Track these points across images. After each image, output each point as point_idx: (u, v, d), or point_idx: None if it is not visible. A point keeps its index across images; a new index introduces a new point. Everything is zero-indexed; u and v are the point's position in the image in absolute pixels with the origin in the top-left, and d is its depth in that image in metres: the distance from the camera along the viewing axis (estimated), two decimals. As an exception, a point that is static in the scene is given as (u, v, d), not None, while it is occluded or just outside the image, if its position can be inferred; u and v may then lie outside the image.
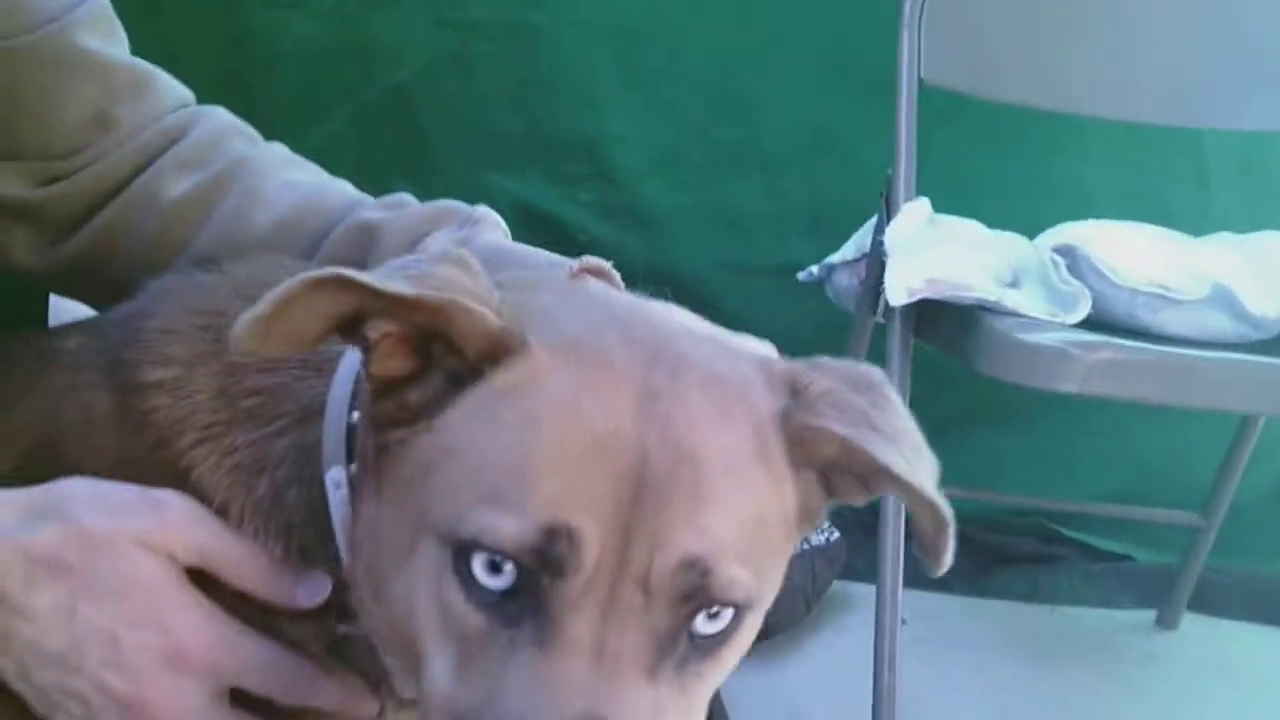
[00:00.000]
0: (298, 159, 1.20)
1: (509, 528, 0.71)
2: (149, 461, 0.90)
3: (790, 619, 2.30)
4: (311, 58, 2.57)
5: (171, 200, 1.11)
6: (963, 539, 2.50)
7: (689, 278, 2.75)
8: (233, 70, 2.49)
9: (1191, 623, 2.50)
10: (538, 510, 0.71)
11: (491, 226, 1.07)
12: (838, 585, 2.43)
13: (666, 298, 0.90)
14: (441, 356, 0.78)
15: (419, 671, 0.78)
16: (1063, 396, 2.69)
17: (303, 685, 0.91)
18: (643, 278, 2.57)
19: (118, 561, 0.85)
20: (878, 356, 2.07)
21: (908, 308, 2.04)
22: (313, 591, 0.90)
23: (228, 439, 0.91)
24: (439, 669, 0.75)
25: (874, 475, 0.81)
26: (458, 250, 0.82)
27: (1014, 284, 2.00)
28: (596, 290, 0.87)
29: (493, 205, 1.10)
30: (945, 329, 1.99)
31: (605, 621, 0.72)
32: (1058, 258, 1.91)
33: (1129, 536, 2.65)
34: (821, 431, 0.79)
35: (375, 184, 1.20)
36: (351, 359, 0.88)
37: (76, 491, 0.87)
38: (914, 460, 0.80)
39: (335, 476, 0.86)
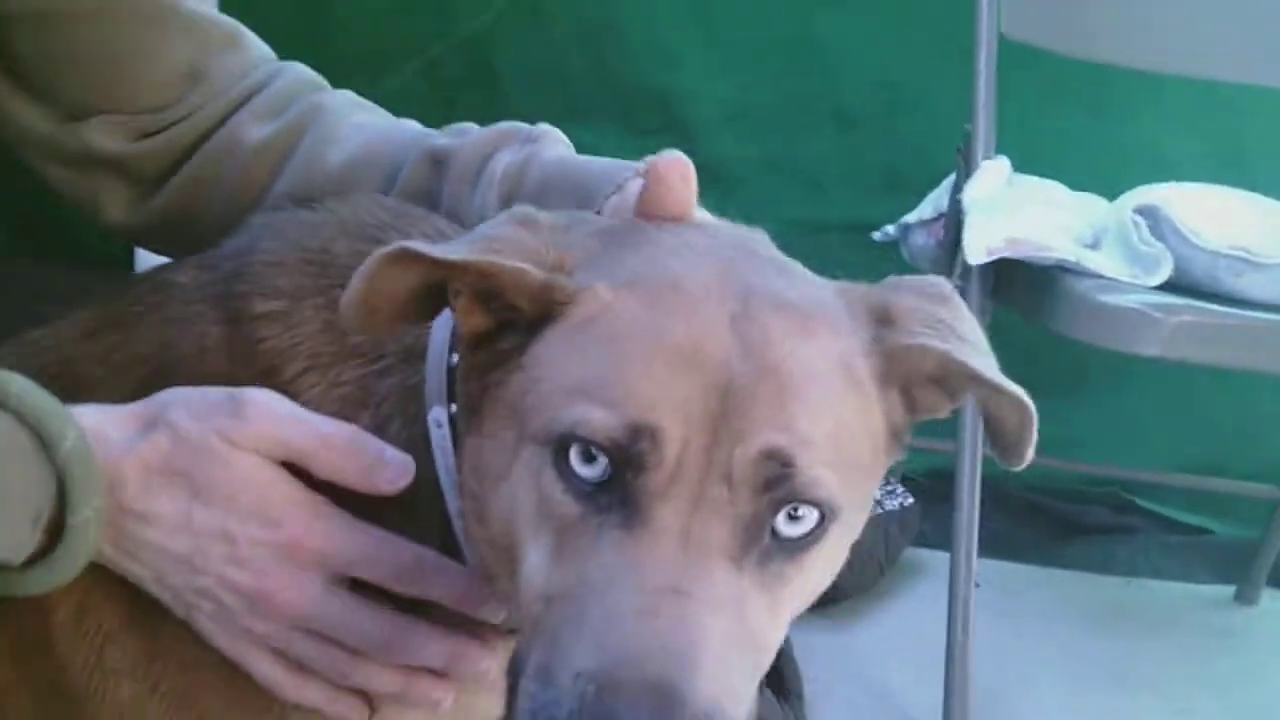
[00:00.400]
0: (366, 103, 1.21)
1: (600, 418, 0.75)
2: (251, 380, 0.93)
3: (864, 583, 2.28)
4: (385, 10, 2.57)
5: (252, 147, 1.13)
6: (1037, 509, 2.49)
7: (765, 231, 2.73)
8: (308, 24, 2.49)
9: (1271, 599, 2.44)
10: (625, 408, 0.75)
11: (554, 142, 1.09)
12: (910, 552, 2.41)
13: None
14: (507, 312, 0.82)
15: (516, 573, 0.81)
16: (1139, 366, 2.64)
17: (415, 573, 0.91)
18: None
19: (217, 463, 0.88)
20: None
21: (985, 269, 2.00)
22: (399, 473, 0.90)
23: (334, 371, 0.93)
24: (535, 560, 0.79)
25: (963, 383, 0.85)
26: (525, 209, 0.86)
27: (1094, 246, 1.95)
28: (664, 230, 0.89)
29: None
30: (1023, 291, 1.94)
31: (692, 511, 0.75)
32: (1139, 219, 1.85)
33: (1207, 509, 2.59)
34: (920, 349, 0.83)
35: (448, 133, 1.21)
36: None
37: (174, 399, 0.90)
38: (993, 363, 0.84)
39: (437, 416, 0.89)
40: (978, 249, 1.85)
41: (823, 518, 0.78)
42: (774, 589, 0.78)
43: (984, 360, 0.83)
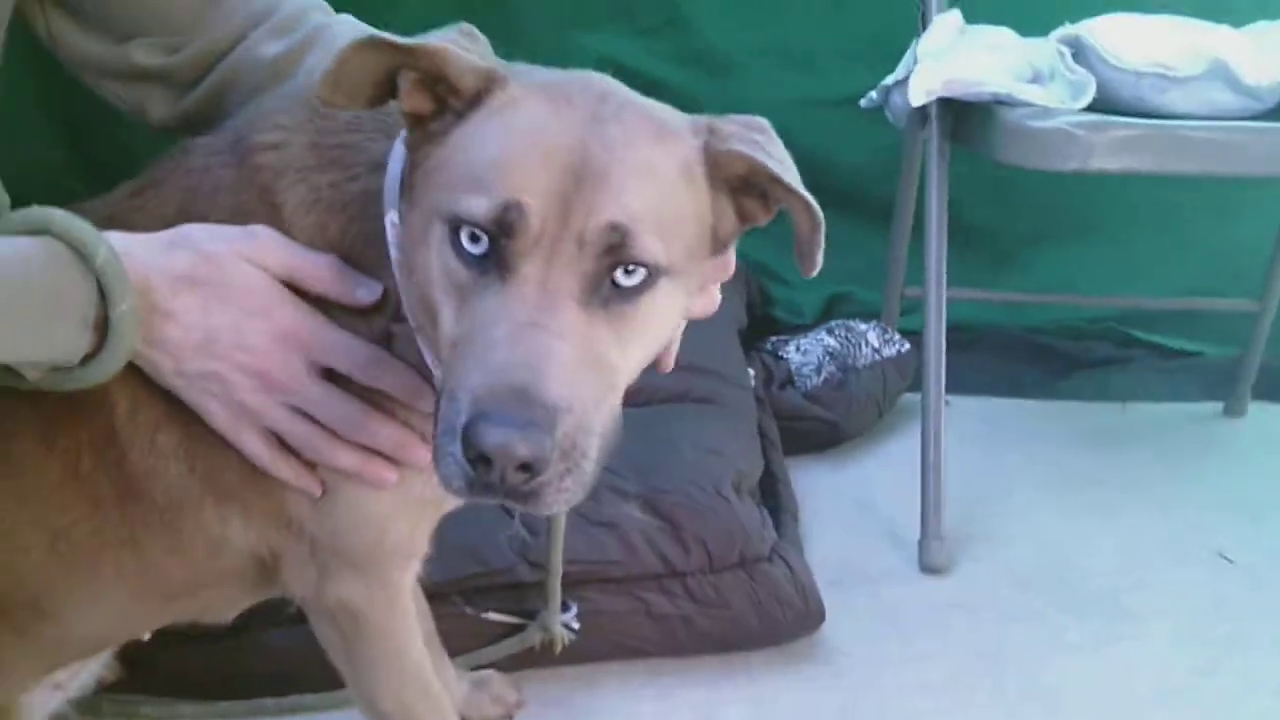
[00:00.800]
0: (364, 26, 1.40)
1: (479, 205, 0.99)
2: (256, 206, 1.16)
3: (862, 424, 2.47)
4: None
5: (267, 60, 1.33)
6: (1039, 348, 2.68)
7: (767, 114, 2.88)
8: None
9: (1259, 409, 2.57)
10: (498, 192, 0.98)
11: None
12: (907, 397, 2.56)
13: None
14: (446, 96, 1.04)
15: (436, 327, 1.04)
16: (1139, 203, 2.77)
17: (373, 367, 1.16)
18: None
19: (233, 273, 1.12)
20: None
21: (943, 114, 2.17)
22: (369, 291, 1.15)
23: (315, 178, 1.16)
24: (446, 316, 1.02)
25: (770, 187, 1.07)
26: (469, 26, 1.08)
27: (1035, 81, 2.10)
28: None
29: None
30: (972, 128, 2.10)
31: (548, 266, 0.99)
32: (1063, 48, 1.99)
33: (1200, 334, 2.72)
34: (733, 154, 1.06)
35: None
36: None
37: (195, 229, 1.14)
38: (794, 174, 1.07)
39: (392, 217, 1.11)
40: (918, 92, 2.02)
41: (650, 274, 1.01)
42: (616, 326, 1.02)
43: (785, 170, 1.06)
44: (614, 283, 1.01)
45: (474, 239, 1.00)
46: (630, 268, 1.01)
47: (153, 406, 1.17)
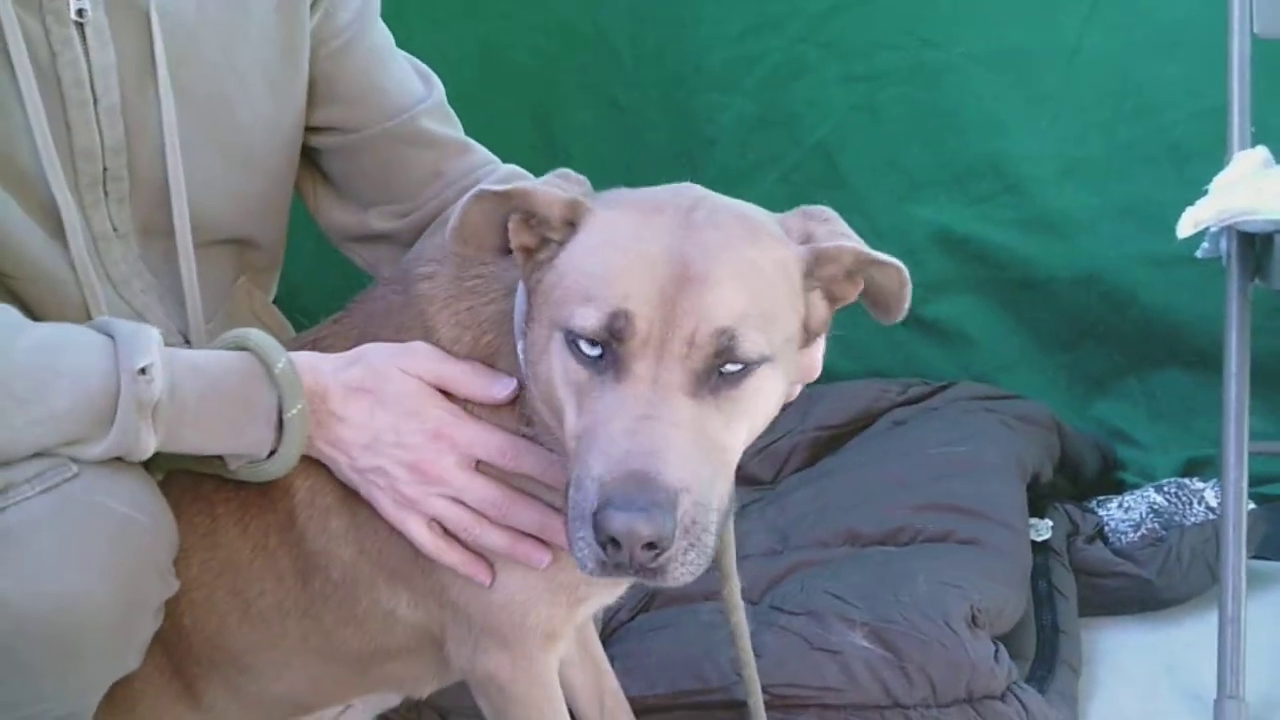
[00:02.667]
0: (523, 173, 1.66)
1: (590, 317, 1.13)
2: (415, 324, 1.38)
3: (1190, 586, 2.29)
4: (745, 129, 2.99)
5: None
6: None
7: (1111, 274, 2.83)
8: (683, 143, 3.00)
9: None
10: (606, 303, 1.13)
11: None
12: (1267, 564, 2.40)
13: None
14: (544, 228, 1.21)
15: (561, 422, 1.19)
16: None
17: (512, 453, 1.33)
18: (1067, 282, 2.73)
19: (393, 382, 1.34)
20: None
21: (1243, 251, 2.07)
22: (505, 387, 1.32)
23: (457, 304, 1.37)
24: (569, 413, 1.17)
25: (863, 268, 1.21)
26: (566, 170, 1.27)
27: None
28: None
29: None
30: (1269, 263, 1.99)
31: (659, 364, 1.12)
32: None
33: None
34: (843, 249, 1.20)
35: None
36: None
37: (370, 348, 1.36)
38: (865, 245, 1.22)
39: (520, 327, 1.28)
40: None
41: (756, 362, 1.15)
42: (725, 409, 1.15)
43: (869, 247, 1.21)
44: (720, 372, 1.13)
45: (591, 342, 1.14)
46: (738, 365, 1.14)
47: (327, 495, 1.38)
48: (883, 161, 2.92)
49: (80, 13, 1.33)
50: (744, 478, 2.53)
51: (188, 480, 1.38)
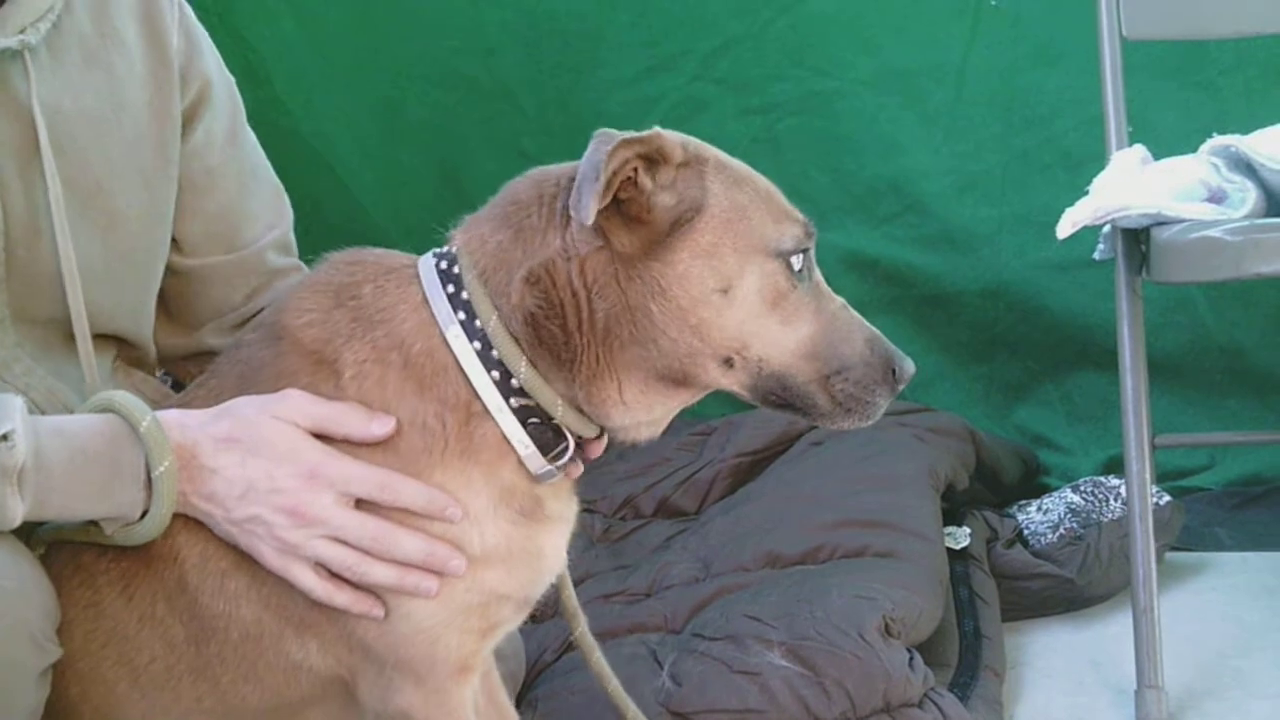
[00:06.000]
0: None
1: (798, 231, 1.31)
2: (301, 369, 1.35)
3: (1112, 583, 2.30)
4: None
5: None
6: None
7: (1016, 284, 2.88)
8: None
9: None
10: (798, 215, 1.33)
11: None
12: (1187, 556, 2.46)
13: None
14: (660, 174, 1.29)
15: (745, 348, 1.29)
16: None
17: (389, 487, 1.32)
18: (975, 295, 2.79)
19: (266, 431, 1.32)
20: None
21: (1128, 248, 2.11)
22: (384, 425, 1.32)
23: (366, 334, 1.35)
24: (774, 327, 1.29)
25: None
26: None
27: (1212, 199, 2.00)
28: None
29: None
30: (1150, 257, 2.02)
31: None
32: (1215, 159, 1.91)
33: None
34: None
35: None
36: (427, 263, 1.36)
37: (239, 401, 1.35)
38: None
39: (455, 331, 1.31)
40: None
41: None
42: None
43: None
44: None
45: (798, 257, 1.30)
46: None
47: (222, 559, 1.36)
48: (787, 190, 2.79)
49: None
50: (669, 510, 2.59)
51: (68, 552, 1.36)
